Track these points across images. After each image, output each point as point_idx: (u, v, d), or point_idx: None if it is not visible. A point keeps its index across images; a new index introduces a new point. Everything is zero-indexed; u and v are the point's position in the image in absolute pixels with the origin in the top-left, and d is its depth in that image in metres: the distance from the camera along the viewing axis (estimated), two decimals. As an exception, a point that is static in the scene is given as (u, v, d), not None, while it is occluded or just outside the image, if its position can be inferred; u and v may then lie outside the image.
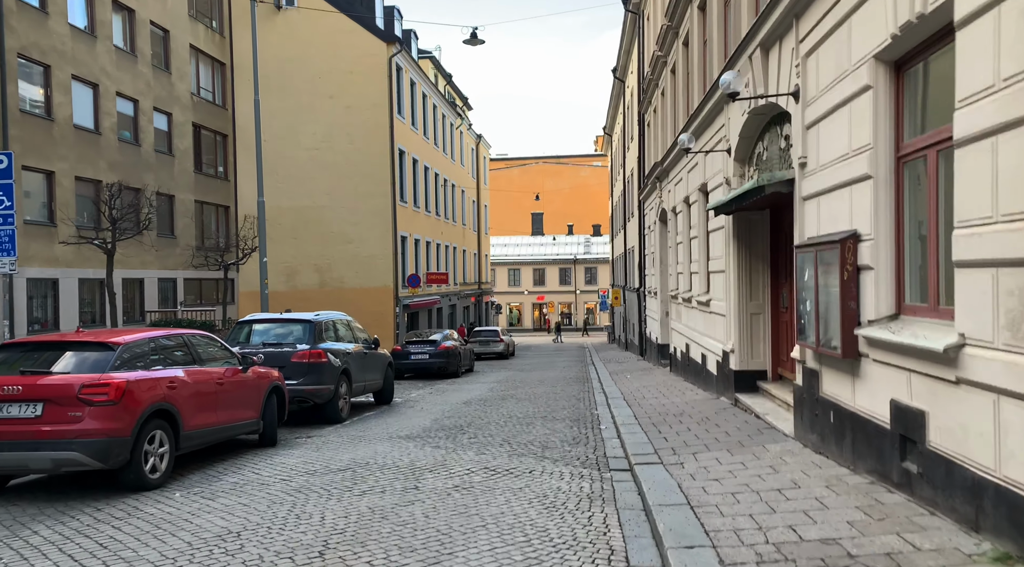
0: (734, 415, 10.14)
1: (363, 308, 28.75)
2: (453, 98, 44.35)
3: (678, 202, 16.94)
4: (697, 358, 14.62)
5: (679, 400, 12.62)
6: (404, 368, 20.90)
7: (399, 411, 13.16)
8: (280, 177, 29.59)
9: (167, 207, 25.03)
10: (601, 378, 18.86)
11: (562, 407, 13.03)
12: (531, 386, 17.54)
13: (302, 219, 29.49)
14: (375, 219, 29.19)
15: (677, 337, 17.69)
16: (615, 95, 39.48)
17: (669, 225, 18.93)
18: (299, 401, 11.05)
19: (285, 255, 29.64)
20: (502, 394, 15.68)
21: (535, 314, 72.29)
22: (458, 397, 15.35)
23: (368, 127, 29.08)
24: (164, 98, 24.99)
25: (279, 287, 29.64)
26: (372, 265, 29.23)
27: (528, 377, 20.55)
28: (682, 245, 16.65)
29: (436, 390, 17.37)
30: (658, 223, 21.37)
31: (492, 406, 13.34)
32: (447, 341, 21.33)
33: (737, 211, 10.94)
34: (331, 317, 12.36)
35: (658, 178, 20.21)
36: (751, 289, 11.12)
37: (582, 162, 79.45)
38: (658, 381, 16.67)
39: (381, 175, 29.10)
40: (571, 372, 22.31)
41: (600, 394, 15.37)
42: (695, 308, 14.79)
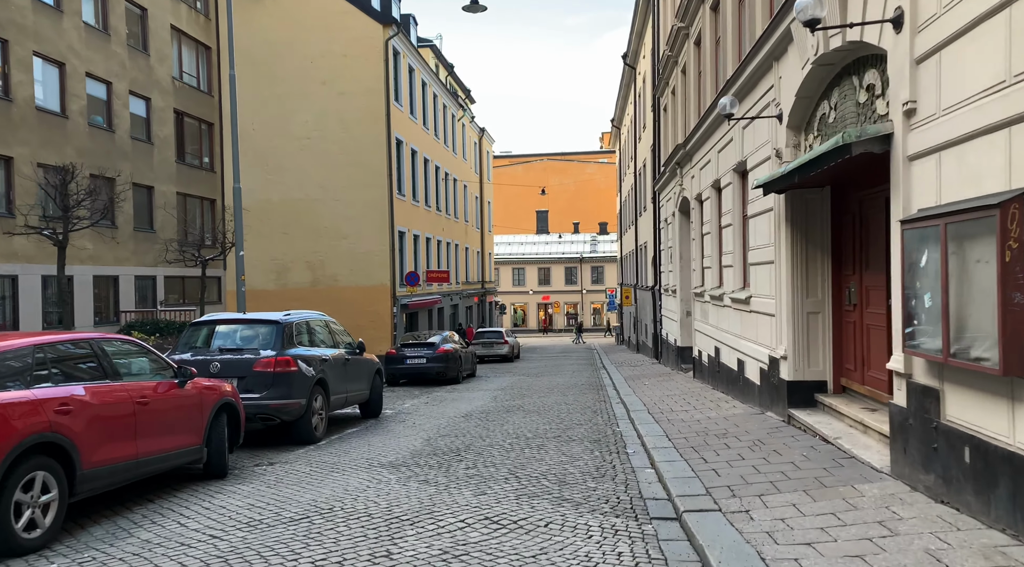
0: (793, 438, 8.24)
1: (358, 308, 26.94)
2: (455, 89, 42.52)
3: (704, 188, 15.05)
4: (730, 364, 12.73)
5: (715, 414, 10.73)
6: (399, 373, 19.04)
7: (387, 427, 11.28)
8: (270, 168, 27.79)
9: (145, 199, 23.22)
10: (616, 385, 16.99)
11: (577, 422, 11.15)
12: (539, 394, 15.66)
13: (293, 213, 27.67)
14: (371, 213, 27.34)
15: (702, 339, 15.80)
16: (624, 84, 37.60)
17: (692, 215, 17.04)
18: (263, 418, 9.19)
19: (275, 251, 27.82)
20: (507, 405, 13.80)
21: (540, 314, 70.40)
22: (457, 408, 13.48)
23: (363, 114, 27.24)
24: (141, 81, 23.16)
25: (269, 285, 27.84)
26: (368, 262, 27.39)
27: (536, 383, 18.67)
28: (710, 236, 14.77)
29: (433, 399, 15.51)
30: (677, 214, 19.48)
31: (495, 421, 11.46)
32: (446, 343, 19.46)
33: (791, 189, 9.06)
34: (305, 318, 10.48)
35: (678, 164, 18.32)
36: (807, 283, 9.23)
37: (588, 159, 77.53)
38: (682, 389, 14.79)
39: (377, 166, 27.26)
40: (582, 377, 20.43)
41: (618, 404, 13.49)
42: (728, 307, 12.90)
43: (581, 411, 12.57)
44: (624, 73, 36.49)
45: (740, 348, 11.92)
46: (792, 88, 8.74)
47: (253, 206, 27.78)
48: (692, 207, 17.05)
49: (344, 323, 27.17)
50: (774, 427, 9.07)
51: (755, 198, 10.66)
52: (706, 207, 15.16)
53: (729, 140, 12.56)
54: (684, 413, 11.13)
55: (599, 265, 69.47)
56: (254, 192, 27.77)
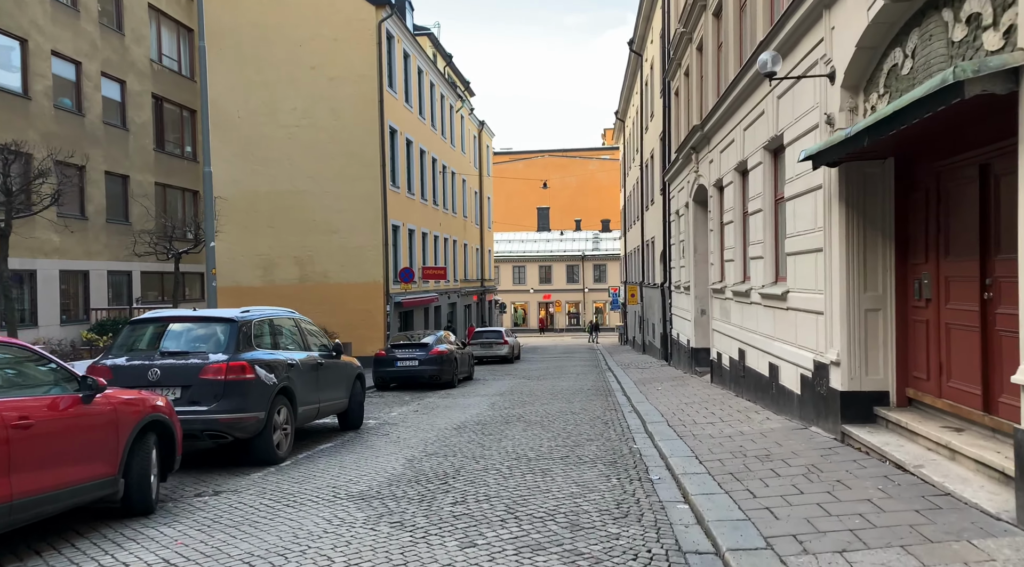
0: (857, 463, 6.71)
1: (349, 306, 25.44)
2: (453, 81, 40.98)
3: (726, 172, 13.54)
4: (759, 369, 11.21)
5: (747, 428, 9.21)
6: (389, 377, 17.51)
7: (367, 442, 9.76)
8: (256, 158, 26.27)
9: (119, 189, 21.69)
10: (626, 390, 15.48)
11: (586, 437, 9.62)
12: (542, 401, 14.14)
13: (280, 205, 26.14)
14: (363, 206, 25.81)
15: (722, 340, 14.29)
16: (630, 73, 36.09)
17: (710, 204, 15.51)
18: (213, 436, 7.67)
19: (261, 246, 26.29)
20: (506, 414, 12.28)
21: (541, 313, 68.87)
22: (450, 418, 11.95)
23: (355, 102, 25.71)
24: (115, 63, 21.61)
25: (254, 282, 26.33)
26: (359, 257, 25.86)
27: (538, 388, 17.15)
28: (732, 226, 13.25)
29: (424, 406, 13.99)
30: (691, 205, 17.96)
31: (492, 435, 9.94)
32: (440, 344, 17.93)
33: (847, 161, 7.54)
34: (267, 315, 8.93)
35: (693, 149, 16.80)
36: (865, 274, 7.71)
37: (590, 156, 75.99)
38: (700, 395, 13.27)
39: (370, 156, 25.73)
40: (587, 381, 18.90)
41: (631, 414, 11.97)
42: (756, 304, 11.38)
43: (590, 422, 11.04)
44: (630, 61, 34.97)
45: (773, 351, 10.40)
46: (851, 38, 7.22)
47: (238, 198, 26.30)
48: (710, 195, 15.54)
49: (335, 322, 25.74)
50: (826, 447, 7.54)
51: (796, 177, 9.14)
52: (728, 194, 13.65)
53: (759, 114, 11.04)
54: (710, 426, 9.61)
55: (601, 263, 67.95)
56: (239, 183, 26.27)
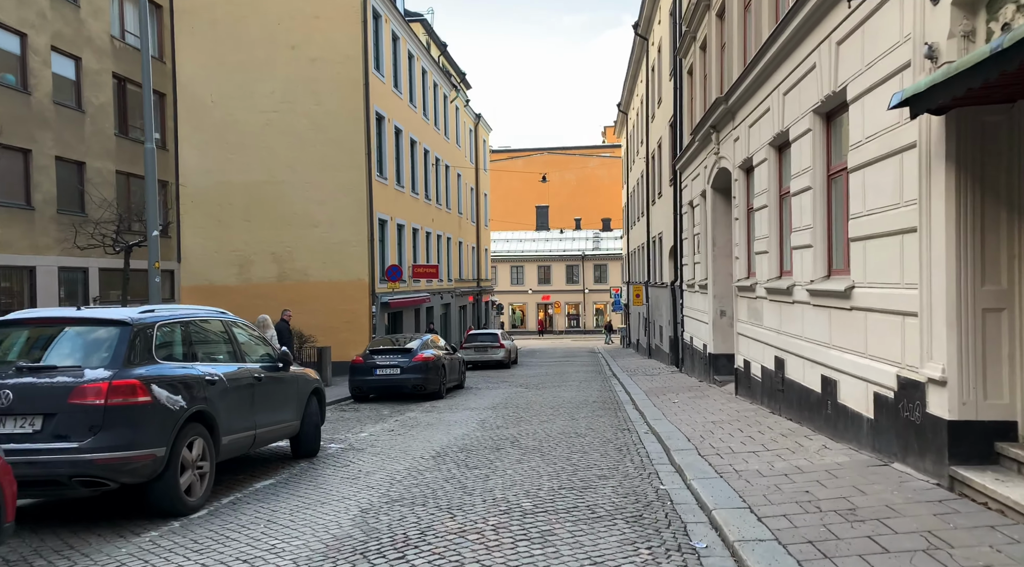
0: (996, 531, 4.64)
1: (332, 306, 23.38)
2: (447, 70, 38.93)
3: (759, 148, 11.50)
4: (807, 383, 9.16)
5: (805, 462, 7.16)
6: (367, 387, 15.45)
7: (317, 478, 7.69)
8: (231, 146, 24.20)
9: (74, 177, 19.62)
10: (637, 402, 13.44)
11: (598, 473, 7.56)
12: (541, 417, 12.08)
13: (257, 197, 24.07)
14: (346, 198, 23.75)
15: (752, 346, 12.24)
16: (634, 60, 34.07)
17: (736, 189, 13.47)
18: (87, 482, 5.59)
19: (236, 241, 24.21)
20: (498, 435, 10.21)
21: (540, 315, 66.79)
22: (429, 441, 9.89)
23: (338, 85, 23.66)
24: (68, 37, 19.55)
25: (229, 280, 24.25)
26: (343, 254, 23.79)
27: (536, 399, 15.09)
28: (766, 211, 11.21)
29: (403, 424, 11.92)
30: (709, 193, 15.93)
31: (478, 468, 7.88)
32: (426, 350, 15.86)
33: (960, 105, 5.50)
34: (179, 316, 6.78)
35: (714, 127, 14.76)
36: (983, 262, 5.66)
37: (590, 153, 73.96)
38: (727, 411, 11.22)
39: (354, 144, 23.67)
40: (592, 390, 16.85)
41: (648, 435, 9.92)
42: (803, 303, 9.34)
43: (600, 448, 8.97)
44: (634, 47, 32.96)
45: (827, 361, 8.35)
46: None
47: (211, 189, 24.25)
48: (734, 179, 13.49)
49: (316, 324, 23.58)
50: (934, 499, 5.48)
51: (868, 138, 7.09)
52: (759, 175, 11.61)
53: (807, 71, 9.00)
54: (753, 457, 7.56)
55: (602, 263, 65.88)
56: (212, 173, 24.21)
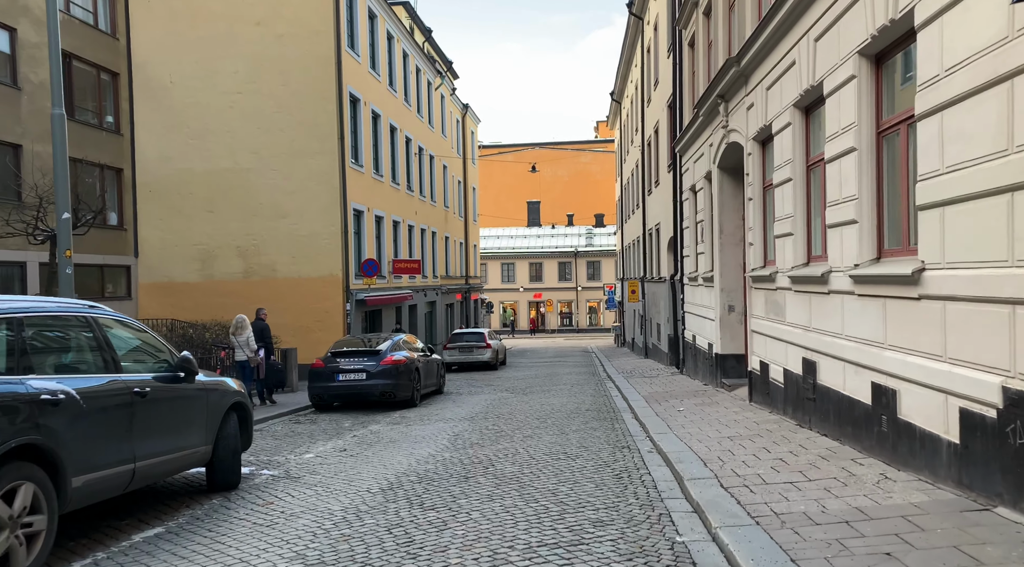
0: None
1: (302, 304, 21.51)
2: (432, 56, 37.03)
3: (780, 112, 9.72)
4: (851, 392, 7.38)
5: (866, 502, 5.37)
6: (329, 394, 13.59)
7: (218, 527, 5.85)
8: (191, 130, 22.28)
9: (9, 161, 17.65)
10: (637, 410, 11.66)
11: (593, 517, 5.73)
12: (525, 432, 10.26)
13: (220, 186, 22.16)
14: (318, 186, 21.88)
15: (770, 345, 10.47)
16: (628, 43, 32.29)
17: (749, 164, 11.69)
18: None
19: (198, 234, 22.30)
20: (470, 458, 8.38)
21: (532, 313, 64.97)
22: (385, 466, 8.06)
23: (308, 63, 21.78)
24: (0, 5, 17.61)
25: (191, 277, 22.34)
26: (314, 247, 21.92)
27: (522, 406, 13.28)
28: (790, 186, 9.45)
29: (361, 440, 10.08)
30: (716, 173, 14.17)
31: (437, 508, 6.06)
32: (397, 352, 14.01)
33: None
34: (11, 310, 4.91)
35: (722, 97, 12.97)
36: None
37: (583, 148, 72.19)
38: (743, 422, 9.43)
39: (325, 127, 21.80)
40: (585, 395, 15.05)
41: (653, 456, 8.13)
42: (843, 293, 7.58)
43: (594, 476, 7.16)
44: (628, 28, 31.17)
45: (883, 366, 6.57)
46: None
47: (170, 177, 22.34)
48: (747, 153, 11.71)
49: (285, 323, 21.59)
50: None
51: (953, 69, 5.29)
52: (780, 144, 9.83)
53: (847, 5, 7.21)
54: (794, 492, 5.78)
55: (595, 260, 64.12)
56: (171, 160, 22.29)
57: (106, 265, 21.15)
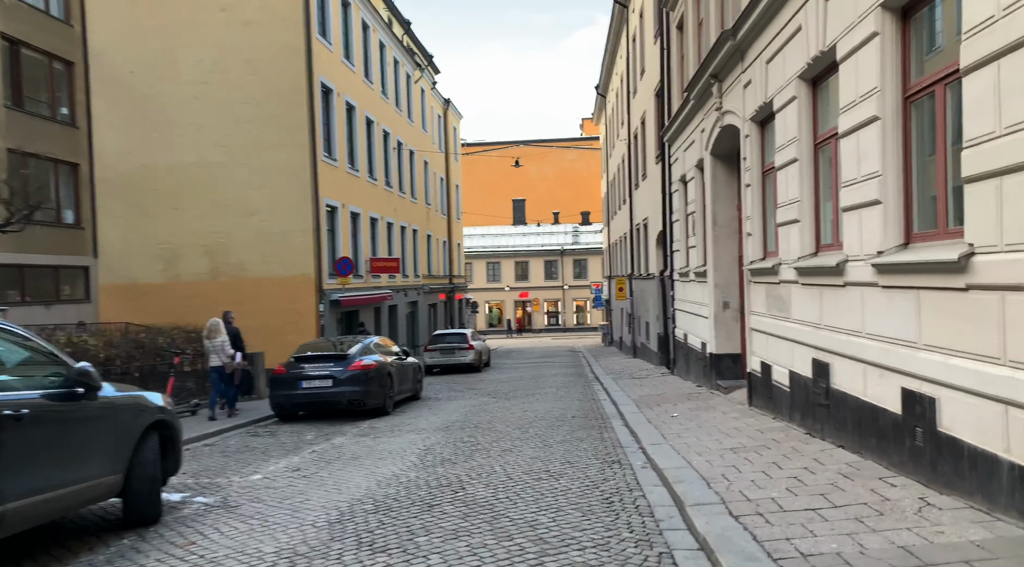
0: None
1: (273, 305, 20.38)
2: (411, 49, 35.90)
3: (782, 87, 8.75)
4: (875, 399, 6.40)
5: (916, 539, 4.34)
6: (292, 403, 12.48)
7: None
8: (153, 123, 21.08)
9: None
10: (627, 416, 10.66)
11: (580, 560, 4.69)
12: (504, 443, 9.22)
13: (185, 182, 20.98)
14: (288, 181, 20.74)
15: (773, 345, 9.51)
16: (613, 33, 31.33)
17: (747, 148, 10.72)
18: None
19: (161, 232, 21.11)
20: (439, 478, 7.33)
21: (518, 312, 63.93)
22: (339, 491, 6.99)
23: (276, 51, 20.64)
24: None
25: (155, 278, 21.14)
26: (284, 245, 20.79)
27: (502, 414, 12.24)
28: (795, 168, 8.48)
29: (318, 457, 9.00)
30: (709, 161, 13.22)
31: (389, 551, 5.00)
32: (367, 355, 12.92)
33: None
34: None
35: (715, 76, 12.00)
36: None
37: (568, 145, 71.24)
38: (745, 431, 8.43)
39: (295, 119, 20.67)
40: (571, 400, 14.03)
41: (650, 476, 7.10)
42: (863, 286, 6.61)
43: (581, 501, 6.12)
44: (613, 19, 30.20)
45: (916, 369, 5.58)
46: None
47: (131, 173, 21.13)
48: (744, 135, 10.74)
49: (254, 326, 20.10)
50: None
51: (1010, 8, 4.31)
52: (783, 122, 8.85)
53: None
54: (819, 522, 4.77)
55: (582, 258, 63.17)
56: (132, 155, 21.09)
57: (62, 266, 19.95)
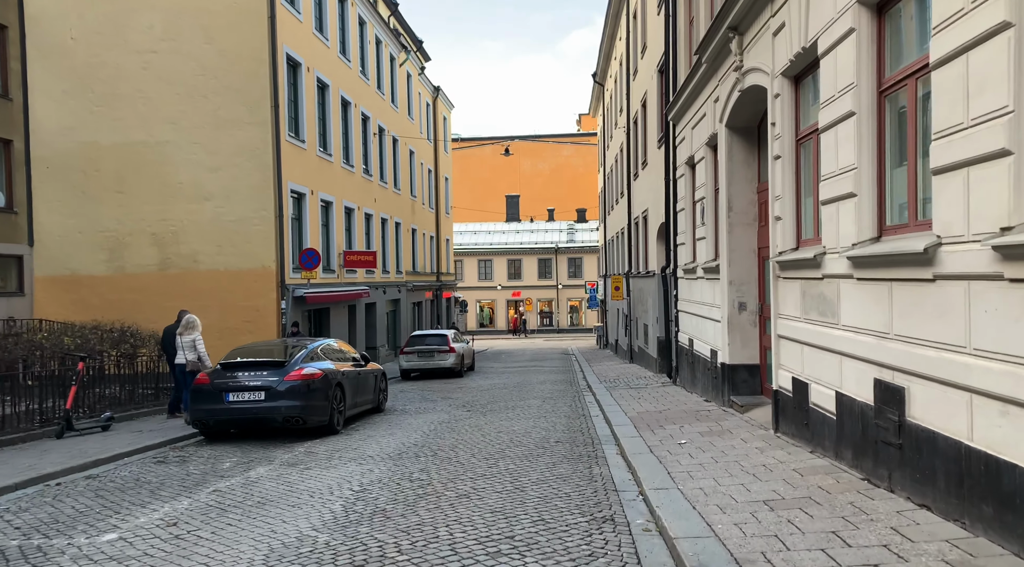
0: None
1: (229, 301, 18.24)
2: (398, 30, 33.71)
3: (835, 16, 6.62)
4: (991, 448, 4.26)
5: None
6: (216, 420, 10.26)
7: None
8: (97, 96, 18.89)
9: None
10: (625, 445, 8.55)
11: None
12: (462, 486, 7.06)
13: (132, 162, 18.80)
14: (247, 163, 18.57)
15: (810, 357, 7.41)
16: (611, 16, 29.18)
17: (778, 109, 8.62)
18: None
19: (106, 219, 18.92)
20: (351, 550, 5.18)
21: (510, 312, 61.75)
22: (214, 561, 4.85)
23: (235, 16, 18.46)
24: None
25: (97, 269, 18.95)
26: (243, 235, 18.61)
27: (473, 436, 10.09)
28: (853, 122, 6.39)
29: (212, 505, 6.83)
30: (725, 135, 11.13)
31: None
32: (311, 363, 10.74)
33: None
34: None
35: (734, 29, 9.89)
36: None
37: (564, 141, 69.09)
38: (780, 471, 6.27)
39: (256, 93, 18.49)
40: (557, 417, 11.89)
41: (658, 550, 4.82)
42: (970, 279, 4.47)
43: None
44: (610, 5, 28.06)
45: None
46: None
47: (73, 152, 18.94)
48: (774, 95, 8.64)
49: (208, 324, 17.49)
50: None
51: None
52: (831, 69, 6.75)
53: None
54: None
55: (577, 256, 60.99)
56: (74, 132, 18.90)
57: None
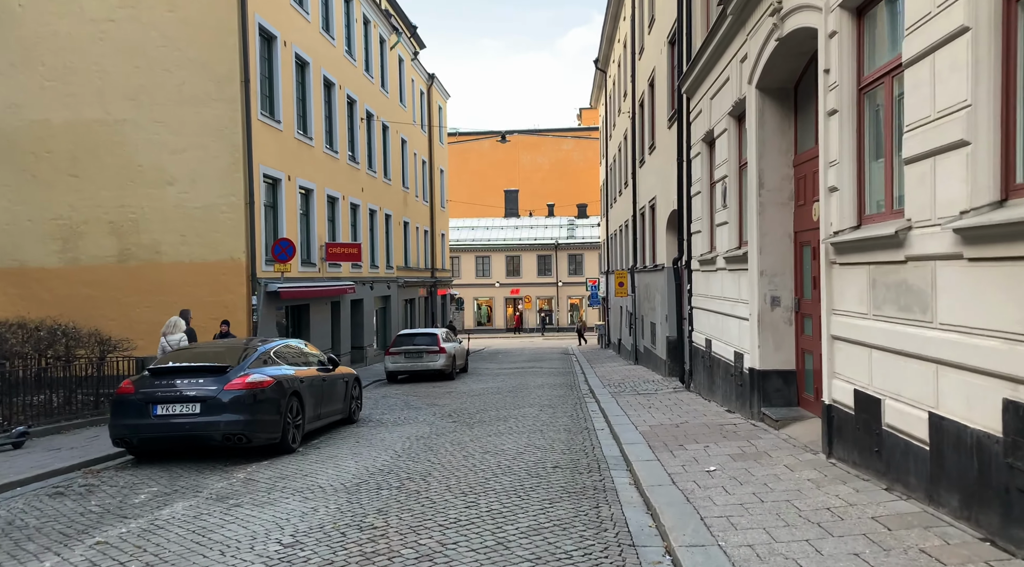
0: None
1: (194, 296, 16.46)
2: (388, 11, 31.91)
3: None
4: None
5: None
6: (140, 438, 8.47)
7: None
8: (49, 70, 17.11)
9: None
10: (638, 471, 6.76)
11: None
12: (425, 545, 5.29)
13: (88, 143, 17.03)
14: (214, 144, 16.80)
15: (880, 365, 5.63)
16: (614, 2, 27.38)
17: (833, 50, 6.84)
18: None
19: (58, 205, 17.14)
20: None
21: (509, 310, 59.96)
22: None
23: (201, -18, 16.69)
24: None
25: (49, 261, 17.18)
26: (210, 223, 16.84)
27: (452, 460, 8.31)
28: (967, 41, 4.56)
29: (98, 557, 5.08)
30: (755, 99, 9.38)
31: None
32: (260, 369, 8.95)
33: None
34: None
35: (772, -36, 8.10)
36: None
37: (565, 135, 67.28)
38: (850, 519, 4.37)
39: (224, 66, 16.72)
40: (556, 431, 10.12)
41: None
42: None
43: None
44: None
45: None
46: None
47: (21, 131, 17.18)
48: (828, 35, 6.88)
49: None
50: None
51: None
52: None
53: None
54: None
55: (578, 253, 59.20)
56: (21, 109, 17.13)
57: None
